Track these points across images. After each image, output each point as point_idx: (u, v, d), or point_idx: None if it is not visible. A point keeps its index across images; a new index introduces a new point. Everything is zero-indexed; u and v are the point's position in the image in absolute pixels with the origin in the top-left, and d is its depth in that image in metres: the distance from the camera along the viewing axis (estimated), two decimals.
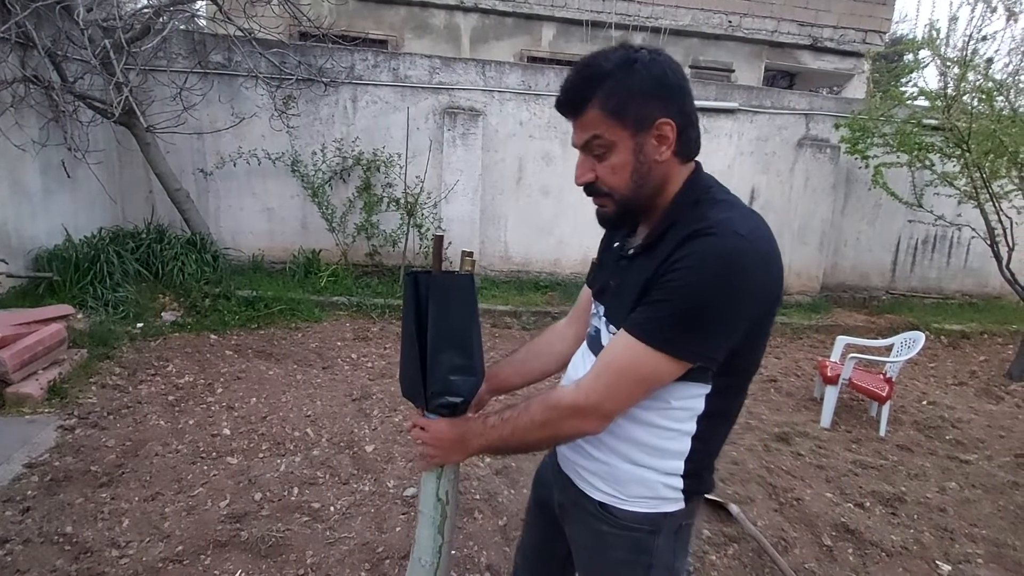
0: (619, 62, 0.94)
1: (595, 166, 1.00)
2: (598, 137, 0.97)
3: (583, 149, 1.01)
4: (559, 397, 1.01)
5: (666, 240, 0.97)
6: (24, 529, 2.27)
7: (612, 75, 0.94)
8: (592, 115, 0.96)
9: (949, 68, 5.17)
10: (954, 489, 3.16)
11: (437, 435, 1.14)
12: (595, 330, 1.13)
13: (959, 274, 7.45)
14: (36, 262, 4.58)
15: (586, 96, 0.95)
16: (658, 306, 0.92)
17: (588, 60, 0.97)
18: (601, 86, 0.94)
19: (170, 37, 5.23)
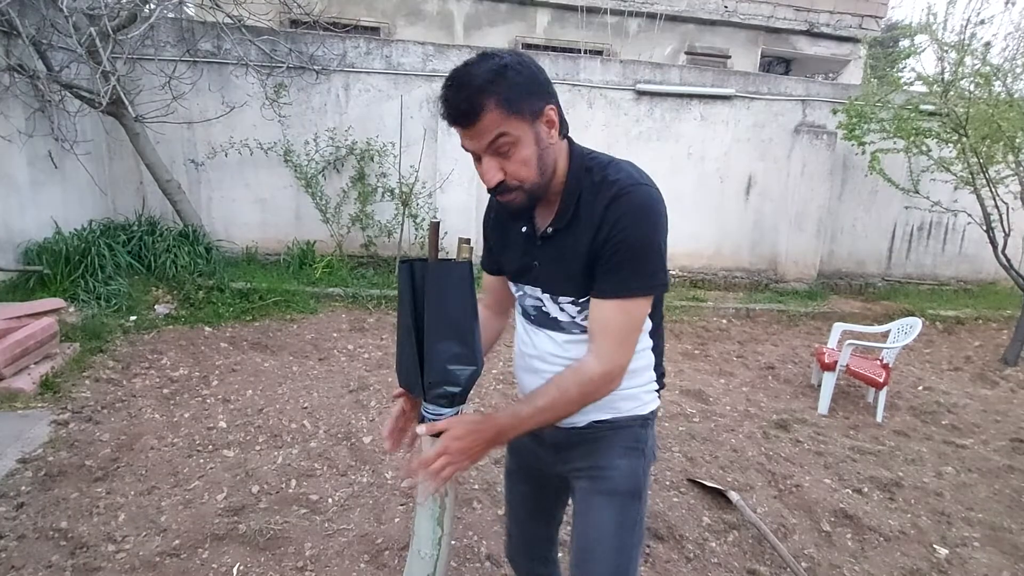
0: (496, 68, 1.02)
1: (503, 164, 1.07)
2: (504, 135, 1.04)
3: (488, 151, 1.06)
4: (589, 371, 1.11)
5: (583, 209, 1.11)
6: (18, 525, 2.24)
7: (497, 80, 1.01)
8: (491, 117, 1.02)
9: (946, 53, 5.15)
10: (950, 473, 3.18)
11: (472, 443, 1.09)
12: (535, 306, 1.25)
13: (954, 260, 7.47)
14: (26, 255, 4.52)
15: (482, 102, 1.01)
16: (620, 264, 1.08)
17: (468, 71, 1.02)
18: (492, 90, 1.01)
19: (157, 25, 5.13)
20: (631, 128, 6.52)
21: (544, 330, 1.25)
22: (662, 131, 6.59)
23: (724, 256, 7.00)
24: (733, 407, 3.84)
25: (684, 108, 6.56)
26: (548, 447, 1.35)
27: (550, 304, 1.22)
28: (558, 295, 1.20)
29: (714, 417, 3.66)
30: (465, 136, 1.06)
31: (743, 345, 5.22)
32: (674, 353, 4.87)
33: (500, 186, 1.08)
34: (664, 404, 3.79)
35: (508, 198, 1.11)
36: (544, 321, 1.24)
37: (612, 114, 6.46)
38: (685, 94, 6.51)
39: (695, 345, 5.12)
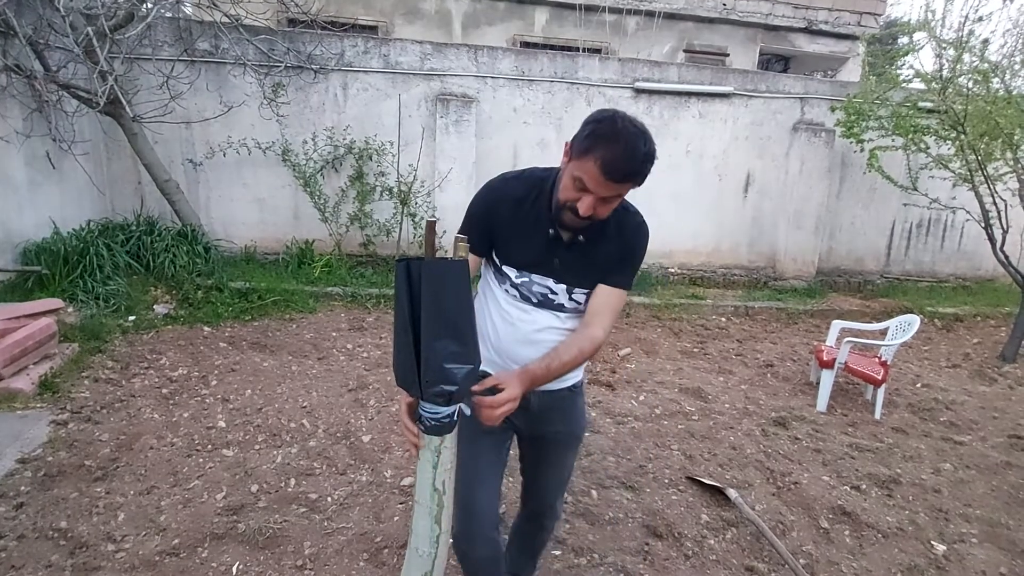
0: (651, 154, 1.32)
1: (598, 206, 1.34)
2: (619, 196, 1.37)
3: (601, 199, 1.33)
4: (596, 337, 1.46)
5: (612, 227, 1.48)
6: (18, 525, 2.24)
7: (646, 165, 1.32)
8: (627, 187, 1.34)
9: (945, 50, 5.15)
10: (948, 470, 3.18)
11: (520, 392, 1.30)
12: (542, 293, 1.50)
13: (953, 257, 7.47)
14: (24, 256, 4.51)
15: (632, 178, 1.31)
16: (627, 269, 1.52)
17: (637, 146, 1.29)
18: (641, 173, 1.32)
19: (155, 24, 5.13)
20: None
21: (547, 312, 1.51)
22: (661, 129, 6.58)
23: (723, 254, 7.00)
24: (732, 405, 3.85)
25: (683, 106, 6.55)
26: (533, 412, 1.58)
27: (563, 295, 1.50)
28: (575, 288, 1.49)
29: (713, 415, 3.67)
30: (597, 181, 1.29)
31: (742, 343, 5.23)
32: (673, 351, 4.87)
33: (588, 217, 1.35)
34: (663, 402, 3.80)
35: (580, 222, 1.38)
36: (549, 305, 1.51)
37: None
38: (684, 92, 6.50)
39: (694, 343, 5.12)
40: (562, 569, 2.23)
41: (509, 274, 1.52)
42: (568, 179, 1.35)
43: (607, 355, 4.62)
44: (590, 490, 2.74)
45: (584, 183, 1.31)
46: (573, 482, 2.78)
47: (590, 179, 1.29)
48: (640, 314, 5.76)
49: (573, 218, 1.36)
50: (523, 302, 1.52)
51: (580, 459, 3.00)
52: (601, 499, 2.68)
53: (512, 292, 1.53)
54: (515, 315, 1.53)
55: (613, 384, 4.04)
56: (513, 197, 1.48)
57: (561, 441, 1.69)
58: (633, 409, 3.66)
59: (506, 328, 1.54)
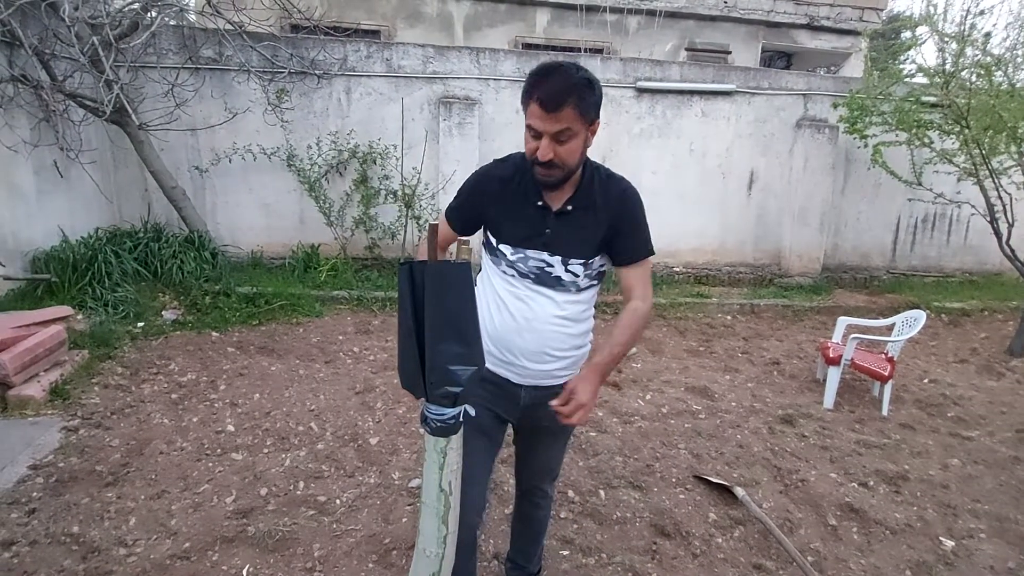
0: (588, 78, 1.36)
1: (556, 148, 1.38)
2: (569, 129, 1.36)
3: (552, 136, 1.36)
4: (644, 309, 1.56)
5: (597, 196, 1.52)
6: (31, 530, 2.27)
7: (585, 88, 1.35)
8: (568, 112, 1.34)
9: (947, 44, 5.13)
10: (956, 466, 3.17)
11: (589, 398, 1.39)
12: (539, 268, 1.53)
13: (959, 252, 7.43)
14: (33, 264, 4.56)
15: (569, 99, 1.32)
16: (640, 232, 1.56)
17: (567, 71, 1.34)
18: (579, 93, 1.34)
19: (159, 32, 5.17)
20: (632, 126, 6.52)
21: (545, 290, 1.53)
22: (664, 128, 6.58)
23: (728, 252, 6.99)
24: (738, 403, 3.84)
25: (685, 105, 6.55)
26: (525, 407, 1.64)
27: (559, 267, 1.52)
28: (570, 258, 1.51)
29: (719, 413, 3.67)
30: (541, 118, 1.34)
31: (748, 341, 5.22)
32: (679, 350, 4.87)
33: (549, 162, 1.38)
34: (669, 401, 3.80)
35: (549, 172, 1.41)
36: (547, 280, 1.53)
37: (613, 112, 6.46)
38: (686, 91, 6.50)
39: (700, 342, 5.12)
40: (570, 569, 2.24)
41: (505, 252, 1.56)
42: (525, 135, 1.42)
43: None
44: (598, 490, 2.74)
45: (534, 128, 1.37)
46: (581, 482, 2.79)
47: (535, 120, 1.35)
48: None
49: (542, 171, 1.41)
50: (521, 280, 1.55)
51: (588, 459, 3.01)
52: (609, 499, 2.68)
53: (509, 272, 1.56)
54: (512, 303, 1.56)
55: (619, 384, 4.04)
56: (500, 177, 1.57)
57: (550, 432, 1.75)
58: (640, 408, 3.66)
59: (502, 317, 1.57)
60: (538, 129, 1.36)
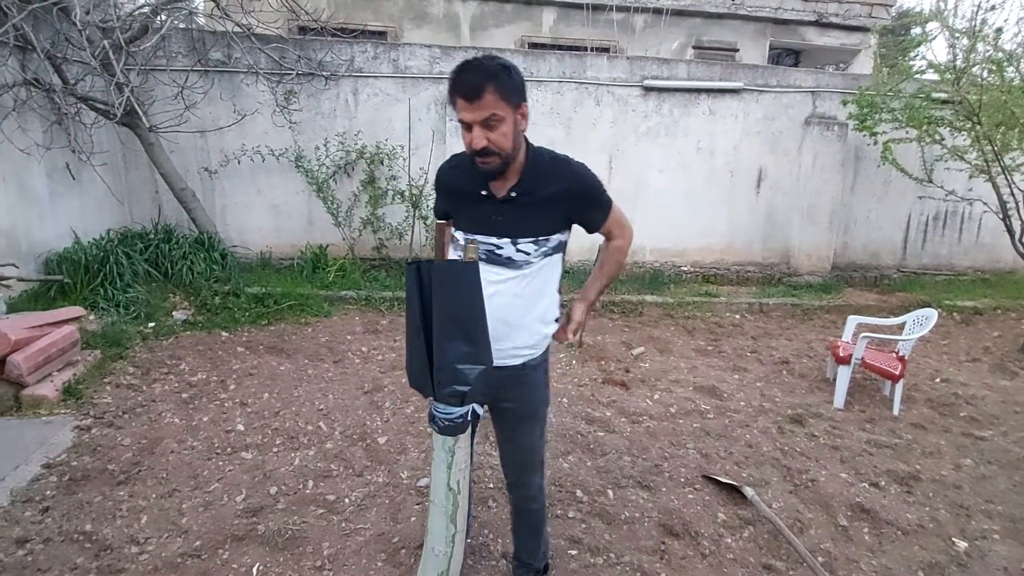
0: (501, 64, 1.45)
1: (488, 135, 1.45)
2: (495, 114, 1.44)
3: (480, 123, 1.44)
4: (623, 243, 1.81)
5: (543, 179, 1.58)
6: (44, 528, 2.30)
7: (500, 73, 1.43)
8: (490, 98, 1.42)
9: (958, 39, 5.07)
10: (969, 466, 3.14)
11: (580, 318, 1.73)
12: (487, 250, 1.59)
13: (971, 250, 7.35)
14: (46, 265, 4.62)
15: (487, 85, 1.41)
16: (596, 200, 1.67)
17: (481, 62, 1.44)
18: (495, 79, 1.42)
19: (169, 36, 5.22)
20: (639, 124, 6.50)
21: (496, 268, 1.60)
22: (671, 127, 6.56)
23: (736, 251, 6.95)
24: (747, 403, 3.82)
25: (692, 103, 6.52)
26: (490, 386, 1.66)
27: (508, 247, 1.59)
28: (519, 238, 1.58)
29: (728, 413, 3.65)
30: (466, 108, 1.43)
31: (757, 340, 5.19)
32: (687, 349, 4.85)
33: (484, 150, 1.46)
34: (678, 401, 3.79)
35: (487, 160, 1.48)
36: (498, 260, 1.60)
37: (620, 111, 6.45)
38: (693, 89, 6.47)
39: (708, 341, 5.09)
40: (578, 568, 2.24)
41: (458, 237, 1.67)
42: (462, 133, 1.51)
43: (620, 354, 4.61)
44: (606, 489, 2.74)
45: (464, 121, 1.46)
46: (589, 482, 2.78)
47: (463, 112, 1.44)
48: (653, 313, 5.74)
49: (480, 160, 1.49)
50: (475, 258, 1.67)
51: (596, 459, 3.01)
52: (617, 498, 2.68)
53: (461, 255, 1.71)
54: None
55: (627, 383, 4.03)
56: (450, 173, 1.72)
57: (512, 416, 1.78)
58: (648, 408, 3.65)
59: None
60: (467, 120, 1.45)
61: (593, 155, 6.52)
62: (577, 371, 4.23)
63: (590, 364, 4.38)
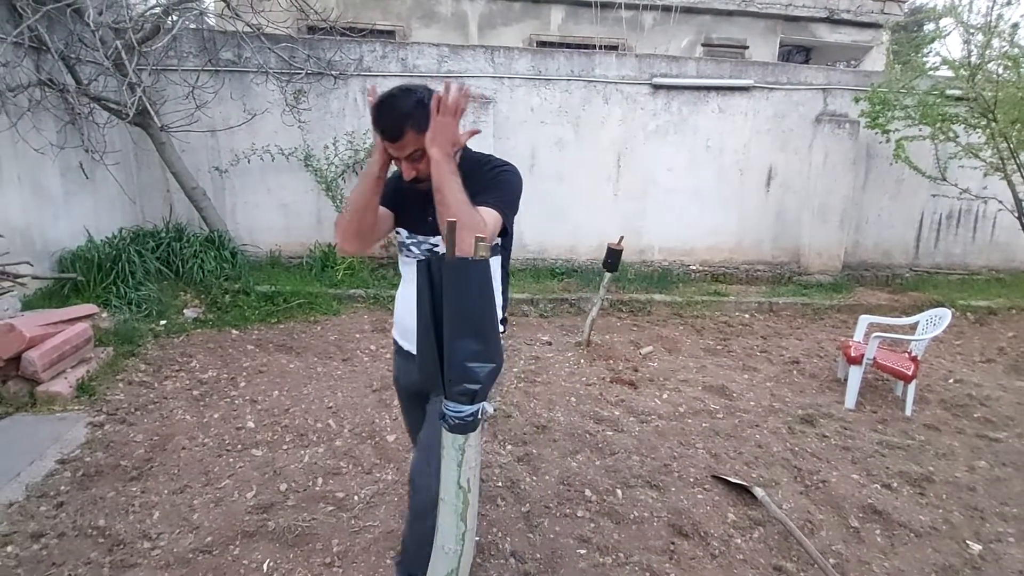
0: (415, 102, 1.48)
1: (415, 166, 1.54)
2: (416, 150, 1.50)
3: (406, 159, 1.53)
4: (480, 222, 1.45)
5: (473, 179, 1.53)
6: (59, 523, 2.33)
7: (415, 111, 1.47)
8: (409, 137, 1.49)
9: (973, 35, 5.01)
10: (984, 468, 3.10)
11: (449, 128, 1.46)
12: (428, 250, 1.68)
13: (985, 249, 7.26)
14: (60, 263, 4.67)
15: (404, 128, 1.48)
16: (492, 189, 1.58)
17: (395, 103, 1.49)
18: (411, 119, 1.47)
19: (180, 36, 5.26)
20: (648, 122, 6.48)
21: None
22: (679, 125, 6.52)
23: (745, 249, 6.91)
24: (757, 402, 3.80)
25: (702, 101, 6.49)
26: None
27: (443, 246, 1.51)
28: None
29: (738, 413, 3.63)
30: (390, 147, 1.51)
31: (766, 340, 5.15)
32: (696, 349, 4.83)
33: (414, 180, 1.56)
34: (687, 400, 3.77)
35: (419, 186, 1.56)
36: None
37: (628, 109, 6.42)
38: (702, 86, 6.44)
39: (717, 340, 5.06)
40: (587, 568, 2.23)
41: (402, 234, 1.74)
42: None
43: (629, 353, 4.59)
44: (615, 489, 2.73)
45: (391, 155, 1.53)
46: (598, 481, 2.78)
47: (388, 149, 1.52)
48: (661, 312, 5.71)
49: (413, 184, 1.57)
50: (414, 261, 1.66)
51: (604, 458, 3.00)
52: (626, 498, 2.67)
53: (407, 254, 1.74)
54: (408, 280, 1.71)
55: (636, 382, 4.02)
56: (397, 174, 1.68)
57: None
58: (656, 407, 3.64)
59: (403, 301, 1.77)
60: (392, 155, 1.53)
61: (601, 153, 6.51)
62: (585, 370, 4.22)
63: (598, 363, 4.37)
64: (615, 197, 6.62)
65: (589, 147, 6.47)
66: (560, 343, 4.80)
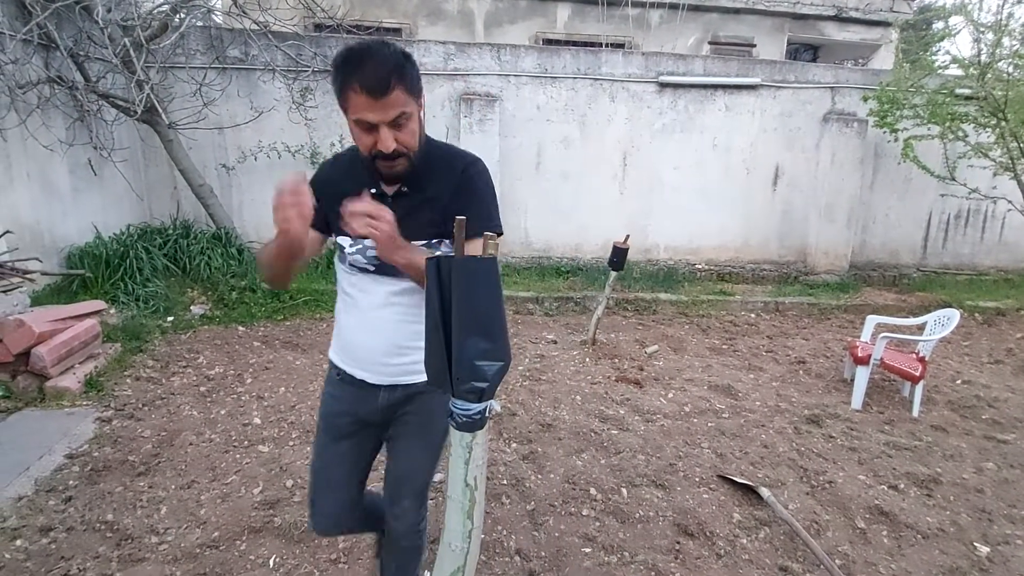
0: (403, 54, 1.24)
1: (396, 135, 1.26)
2: (404, 112, 1.25)
3: (391, 124, 1.25)
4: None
5: (436, 173, 1.38)
6: (67, 518, 2.35)
7: (405, 64, 1.24)
8: (398, 95, 1.23)
9: (983, 34, 4.97)
10: (991, 469, 3.08)
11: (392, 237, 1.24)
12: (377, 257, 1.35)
13: (994, 249, 7.21)
14: (68, 260, 4.70)
15: (394, 81, 1.21)
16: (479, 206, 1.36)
17: (381, 51, 1.22)
18: (402, 72, 1.22)
19: (187, 33, 5.28)
20: (654, 121, 6.46)
21: (387, 279, 1.41)
22: (686, 123, 6.50)
23: (751, 249, 6.88)
24: (763, 402, 3.79)
25: (708, 99, 6.46)
26: (383, 407, 1.53)
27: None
28: (411, 240, 1.32)
29: (744, 412, 3.62)
30: (370, 107, 1.21)
31: (772, 339, 5.13)
32: (701, 348, 4.81)
33: (394, 152, 1.27)
34: (692, 400, 3.76)
35: (394, 163, 1.30)
36: (389, 269, 1.36)
37: (635, 107, 6.40)
38: (709, 85, 6.41)
39: (723, 340, 5.05)
40: (592, 567, 2.23)
41: (344, 245, 1.46)
42: (355, 131, 1.29)
43: (634, 352, 4.59)
44: (620, 488, 2.73)
45: (363, 120, 1.24)
46: (603, 479, 2.77)
47: (365, 112, 1.22)
48: (667, 311, 5.70)
49: (386, 163, 1.30)
50: (361, 273, 1.46)
51: (610, 457, 3.00)
52: (631, 497, 2.67)
53: (350, 268, 1.47)
54: (358, 298, 1.48)
55: (641, 381, 4.01)
56: (334, 171, 1.49)
57: (412, 432, 1.56)
58: (662, 407, 3.63)
59: (347, 317, 1.52)
60: (371, 121, 1.23)
61: (608, 152, 6.49)
62: (590, 369, 4.22)
63: (603, 362, 4.37)
64: (621, 196, 6.60)
65: (595, 145, 6.46)
66: (565, 342, 4.80)
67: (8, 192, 4.13)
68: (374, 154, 1.28)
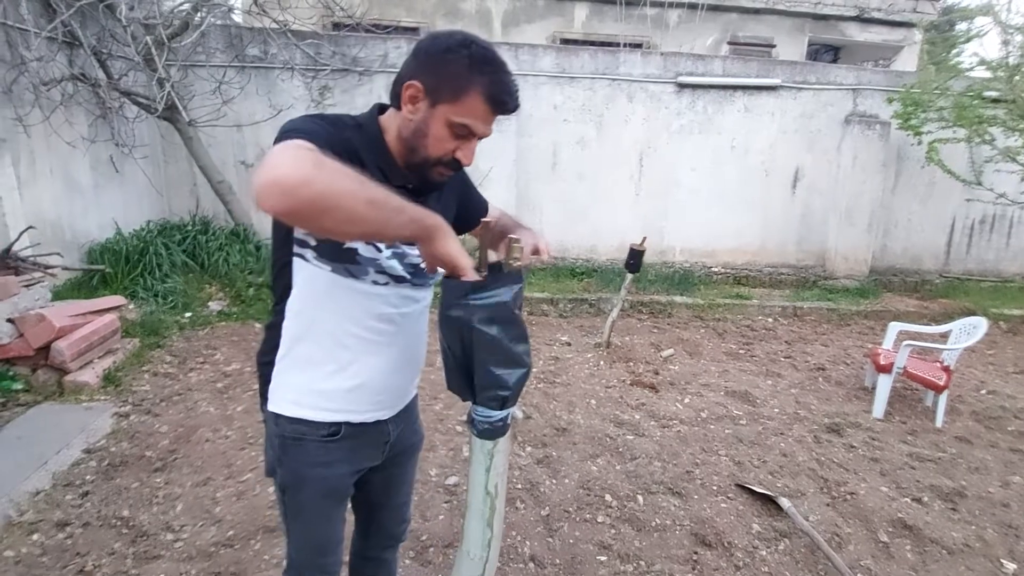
0: None
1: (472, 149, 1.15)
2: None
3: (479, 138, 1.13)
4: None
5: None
6: (84, 513, 2.36)
7: None
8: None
9: (1012, 35, 4.85)
10: (1018, 483, 3.00)
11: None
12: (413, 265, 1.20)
13: (1020, 255, 7.04)
14: (89, 255, 4.76)
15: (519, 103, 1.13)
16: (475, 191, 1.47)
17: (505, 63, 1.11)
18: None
19: (208, 32, 5.31)
20: (672, 121, 6.39)
21: (419, 292, 1.27)
22: (704, 124, 6.43)
23: (770, 252, 6.79)
24: (782, 410, 3.72)
25: (727, 100, 6.38)
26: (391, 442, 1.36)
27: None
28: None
29: (762, 420, 3.56)
30: (487, 120, 1.10)
31: (791, 345, 5.05)
32: (718, 352, 4.75)
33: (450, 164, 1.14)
34: (709, 405, 3.71)
35: (451, 174, 1.17)
36: (421, 276, 1.23)
37: (653, 108, 6.34)
38: (728, 85, 6.33)
39: (740, 345, 4.98)
40: (607, 575, 2.20)
41: (373, 256, 1.14)
42: (441, 129, 1.08)
43: (649, 356, 4.54)
44: (636, 495, 2.69)
45: (469, 128, 1.08)
46: (618, 486, 2.74)
47: (480, 120, 1.08)
48: (682, 314, 5.64)
49: (446, 171, 1.14)
50: (396, 286, 1.20)
51: (625, 463, 2.96)
52: (647, 505, 2.63)
53: (381, 280, 1.17)
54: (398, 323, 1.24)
55: (656, 386, 3.97)
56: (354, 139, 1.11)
57: (412, 449, 1.49)
58: (678, 412, 3.59)
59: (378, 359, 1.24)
60: (479, 132, 1.10)
61: (624, 153, 6.44)
62: (605, 372, 4.18)
63: (618, 365, 4.33)
64: (637, 197, 6.55)
65: (611, 146, 6.41)
66: (579, 344, 4.77)
67: (31, 187, 4.18)
68: (440, 159, 1.11)
